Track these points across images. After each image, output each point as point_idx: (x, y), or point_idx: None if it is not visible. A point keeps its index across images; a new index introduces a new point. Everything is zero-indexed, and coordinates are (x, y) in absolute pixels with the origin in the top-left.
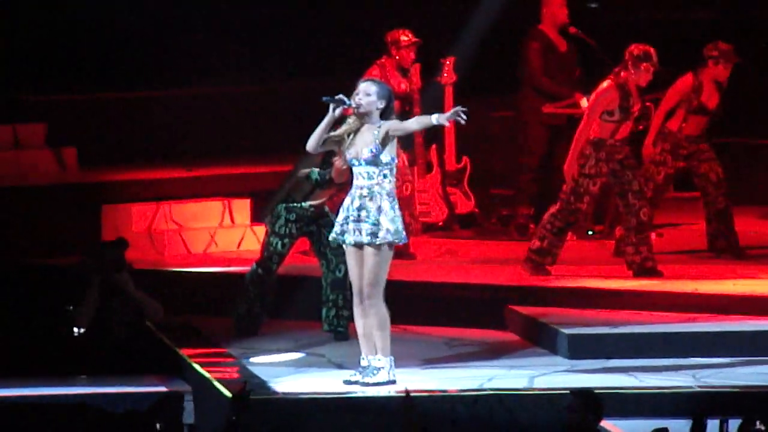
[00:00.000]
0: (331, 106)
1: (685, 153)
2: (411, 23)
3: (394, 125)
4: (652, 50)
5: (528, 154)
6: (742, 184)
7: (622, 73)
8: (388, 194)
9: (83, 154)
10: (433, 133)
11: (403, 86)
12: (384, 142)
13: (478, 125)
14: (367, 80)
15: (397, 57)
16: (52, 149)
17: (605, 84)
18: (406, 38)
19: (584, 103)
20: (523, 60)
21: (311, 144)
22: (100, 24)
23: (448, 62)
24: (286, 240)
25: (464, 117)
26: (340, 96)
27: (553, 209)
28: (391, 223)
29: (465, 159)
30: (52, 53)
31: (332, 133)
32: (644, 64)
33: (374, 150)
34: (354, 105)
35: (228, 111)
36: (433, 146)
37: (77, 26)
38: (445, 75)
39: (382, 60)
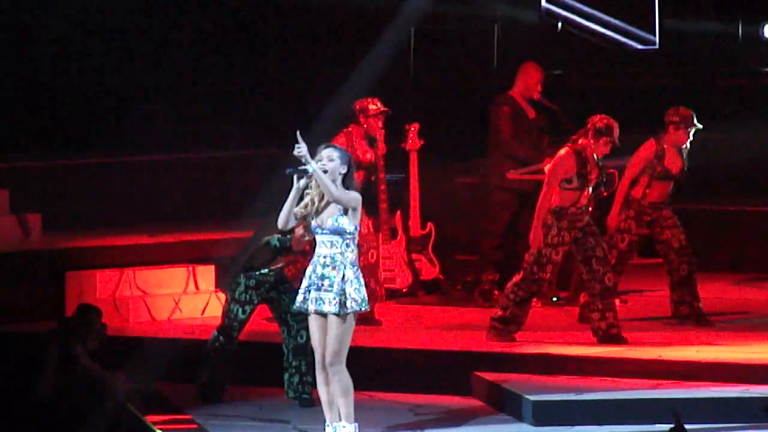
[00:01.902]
0: (296, 178)
1: (648, 219)
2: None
3: (353, 205)
4: (614, 125)
5: (493, 220)
6: (710, 249)
7: (581, 141)
8: (351, 263)
9: (46, 220)
10: (398, 199)
11: (368, 156)
12: (347, 211)
13: (443, 191)
14: (328, 146)
15: (365, 125)
16: (16, 215)
17: (562, 151)
18: (374, 107)
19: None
20: (493, 125)
21: (281, 221)
22: (63, 90)
23: (412, 128)
24: (247, 307)
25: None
26: (304, 167)
27: (516, 278)
28: (356, 292)
29: (430, 225)
30: (15, 118)
31: (297, 209)
32: (604, 138)
33: (339, 220)
34: (319, 168)
35: (191, 177)
36: (398, 212)
37: (40, 92)
38: (410, 141)
39: (349, 128)
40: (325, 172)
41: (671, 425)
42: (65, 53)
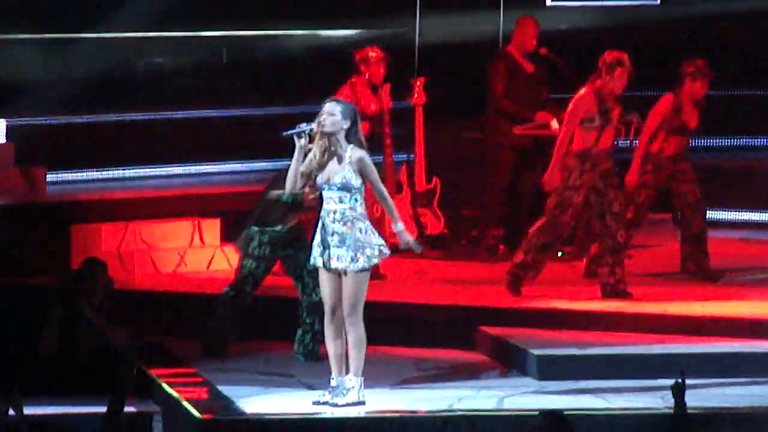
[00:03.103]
0: (296, 139)
1: (666, 174)
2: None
3: (366, 168)
4: (624, 56)
5: (495, 176)
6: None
7: (597, 81)
8: (362, 216)
9: (52, 173)
10: (403, 154)
11: (373, 106)
12: (356, 170)
13: (448, 146)
14: (331, 100)
15: (367, 74)
16: (21, 168)
17: (582, 91)
18: (374, 54)
19: (554, 124)
20: (488, 83)
21: (289, 183)
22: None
23: (418, 83)
24: (261, 262)
25: (419, 251)
26: (301, 126)
27: (539, 223)
28: (370, 246)
29: (435, 180)
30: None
31: (302, 168)
32: (618, 69)
33: (347, 176)
34: (317, 128)
35: (197, 132)
36: (404, 167)
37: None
38: (416, 96)
39: (353, 79)
40: (324, 126)
41: (675, 380)
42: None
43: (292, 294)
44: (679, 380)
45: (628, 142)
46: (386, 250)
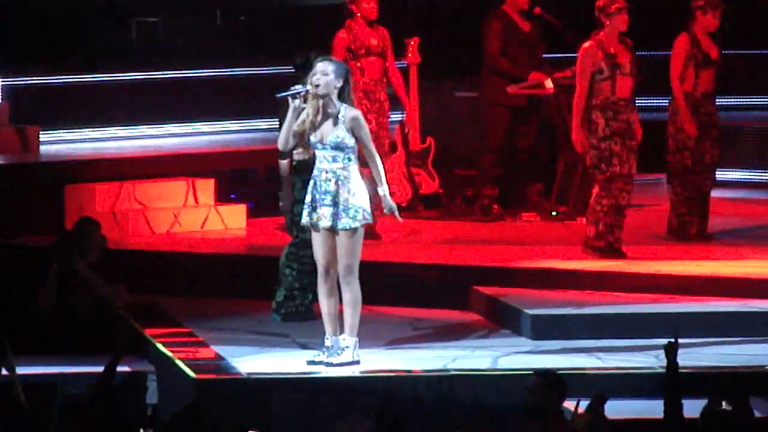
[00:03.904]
0: (290, 100)
1: (704, 111)
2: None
3: (359, 127)
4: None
5: (490, 135)
6: None
7: (601, 33)
8: (355, 176)
9: (46, 132)
10: (398, 114)
11: (374, 41)
12: (349, 129)
13: (442, 105)
14: (324, 59)
15: (359, 13)
16: (16, 127)
17: (585, 44)
18: None
19: (548, 83)
20: (483, 41)
21: (281, 142)
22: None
23: (412, 42)
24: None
25: (399, 219)
26: (295, 87)
27: (594, 190)
28: (354, 208)
29: (429, 139)
30: (15, 33)
31: (295, 128)
32: (613, 6)
33: (340, 136)
34: (311, 88)
35: (192, 91)
36: (398, 126)
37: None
38: (410, 55)
39: (347, 22)
40: (318, 87)
41: (668, 340)
42: None
43: None
44: (672, 340)
45: None
46: (368, 216)
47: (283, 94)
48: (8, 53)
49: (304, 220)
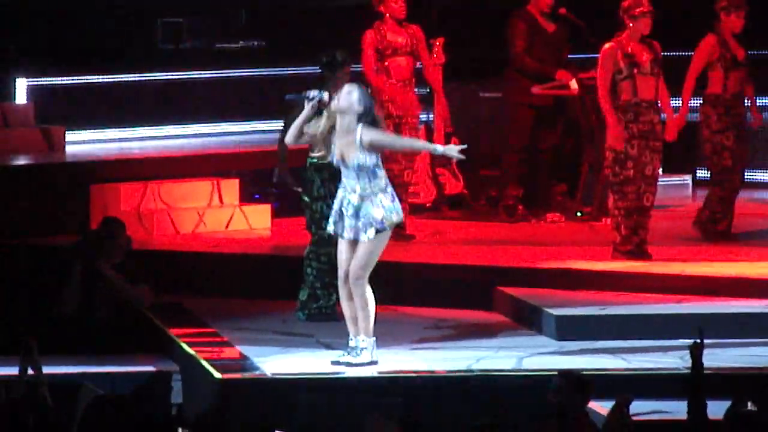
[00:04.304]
0: (305, 102)
1: (734, 112)
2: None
3: (378, 144)
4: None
5: (514, 136)
6: None
7: (623, 34)
8: (381, 189)
9: (72, 132)
10: (423, 114)
11: (401, 40)
12: (366, 151)
13: (467, 106)
14: (355, 83)
15: (388, 13)
16: (41, 128)
17: (606, 45)
18: None
19: (573, 84)
20: (508, 41)
21: (289, 137)
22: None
23: (437, 43)
24: (330, 200)
25: (462, 156)
26: (309, 93)
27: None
28: (388, 211)
29: (454, 139)
30: (40, 34)
31: (308, 129)
32: (637, 9)
33: (360, 159)
34: (327, 99)
35: (217, 91)
36: (422, 127)
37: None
38: (435, 56)
39: (376, 23)
40: (338, 103)
41: (693, 340)
42: None
43: None
44: (698, 340)
45: None
46: (393, 219)
47: (294, 97)
48: (33, 54)
49: (330, 228)
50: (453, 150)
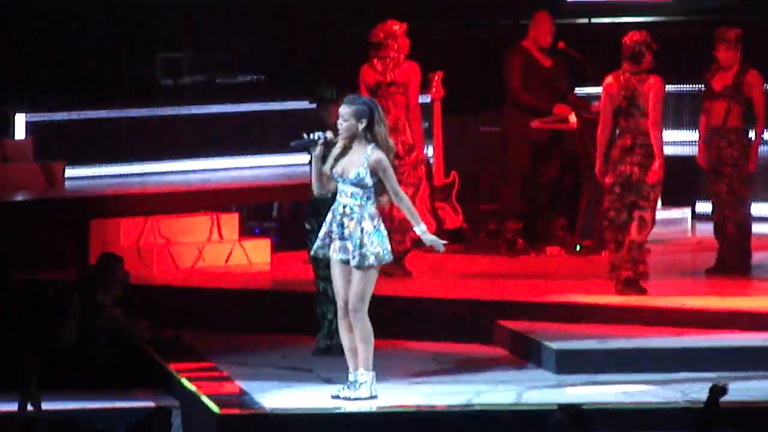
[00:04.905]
0: (310, 150)
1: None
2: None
3: (383, 170)
4: (646, 35)
5: (515, 169)
6: None
7: (623, 65)
8: (370, 216)
9: (71, 168)
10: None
11: (399, 75)
12: (371, 171)
13: (466, 140)
14: (344, 103)
15: (396, 46)
16: (40, 164)
17: (608, 79)
18: (398, 26)
19: (572, 118)
20: (504, 76)
21: (315, 189)
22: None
23: (436, 77)
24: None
25: (441, 250)
26: (311, 137)
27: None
28: (374, 246)
29: (453, 174)
30: (40, 69)
31: (326, 169)
32: (641, 50)
33: (361, 174)
34: (330, 136)
35: (216, 126)
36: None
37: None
38: (434, 90)
39: (382, 54)
40: (341, 132)
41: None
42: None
43: (311, 288)
44: (723, 385)
45: None
46: (384, 257)
47: (298, 143)
48: (33, 89)
49: (314, 251)
50: (433, 241)
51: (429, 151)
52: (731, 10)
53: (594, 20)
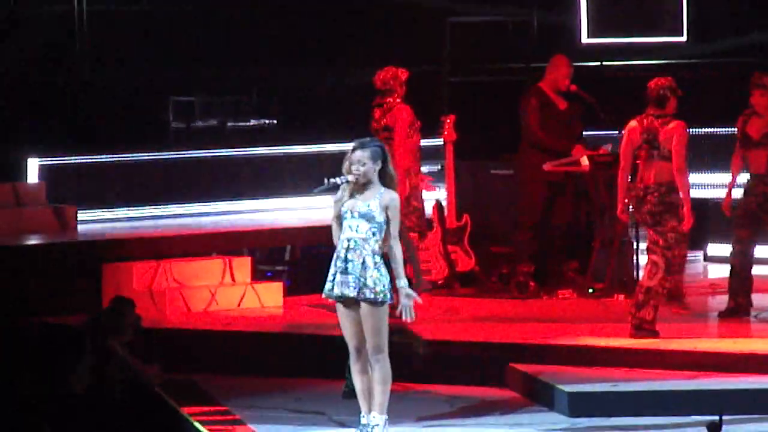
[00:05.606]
0: (335, 191)
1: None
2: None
3: (392, 211)
4: (671, 81)
5: (527, 212)
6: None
7: (648, 110)
8: (372, 251)
9: (83, 211)
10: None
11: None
12: (383, 208)
13: (478, 183)
14: (356, 148)
15: (402, 90)
16: (53, 207)
17: (631, 123)
18: (403, 71)
19: (584, 161)
20: (522, 117)
21: (335, 239)
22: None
23: (448, 120)
24: None
25: (411, 316)
26: (331, 182)
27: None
28: (374, 282)
29: (465, 217)
30: (52, 114)
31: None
32: (666, 94)
33: (372, 208)
34: (352, 179)
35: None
36: (434, 204)
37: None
38: (446, 133)
39: (389, 99)
40: (358, 177)
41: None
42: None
43: (324, 332)
44: (717, 419)
45: None
46: (387, 298)
47: (320, 189)
48: (45, 133)
49: (325, 293)
50: (409, 296)
51: (442, 194)
52: (744, 52)
53: (606, 63)
